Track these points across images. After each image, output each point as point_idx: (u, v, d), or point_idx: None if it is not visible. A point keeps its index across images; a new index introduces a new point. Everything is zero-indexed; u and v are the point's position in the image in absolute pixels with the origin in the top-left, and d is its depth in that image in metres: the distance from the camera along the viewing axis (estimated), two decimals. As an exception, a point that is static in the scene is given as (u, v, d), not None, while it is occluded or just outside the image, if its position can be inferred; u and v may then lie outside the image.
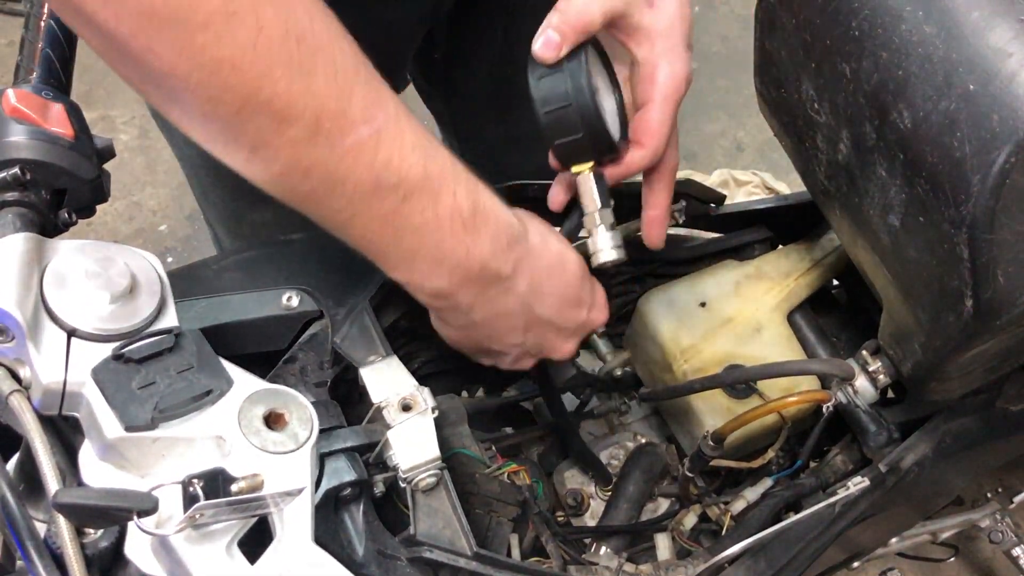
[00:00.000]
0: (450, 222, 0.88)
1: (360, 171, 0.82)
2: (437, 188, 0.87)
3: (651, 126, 1.02)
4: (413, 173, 0.84)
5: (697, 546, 1.21)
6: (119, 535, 0.76)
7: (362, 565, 0.90)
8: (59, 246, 0.82)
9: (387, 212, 0.85)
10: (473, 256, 0.91)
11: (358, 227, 0.87)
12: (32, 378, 0.77)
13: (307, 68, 0.77)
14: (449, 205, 0.88)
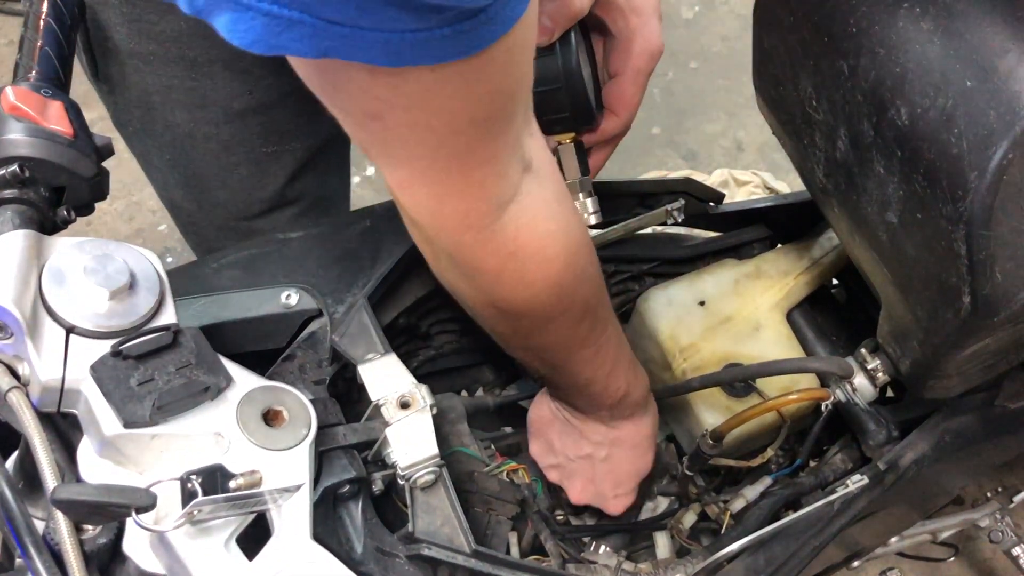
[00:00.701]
0: (600, 398, 1.11)
1: (576, 350, 1.03)
2: (603, 387, 1.09)
3: (624, 96, 1.09)
4: (600, 377, 1.07)
5: (696, 545, 1.21)
6: (117, 532, 0.76)
7: (360, 562, 0.90)
8: (58, 243, 0.82)
9: (567, 365, 1.07)
10: (596, 409, 1.13)
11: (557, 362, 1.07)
12: (31, 375, 0.77)
13: (596, 277, 0.98)
14: (603, 394, 1.10)
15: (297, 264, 1.08)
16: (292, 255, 1.10)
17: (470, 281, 0.91)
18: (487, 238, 0.83)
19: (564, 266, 0.90)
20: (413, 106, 0.69)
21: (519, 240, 0.85)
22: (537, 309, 0.92)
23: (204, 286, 1.05)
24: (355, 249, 1.10)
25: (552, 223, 0.87)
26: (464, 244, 0.84)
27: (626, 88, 1.08)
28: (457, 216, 0.81)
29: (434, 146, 0.74)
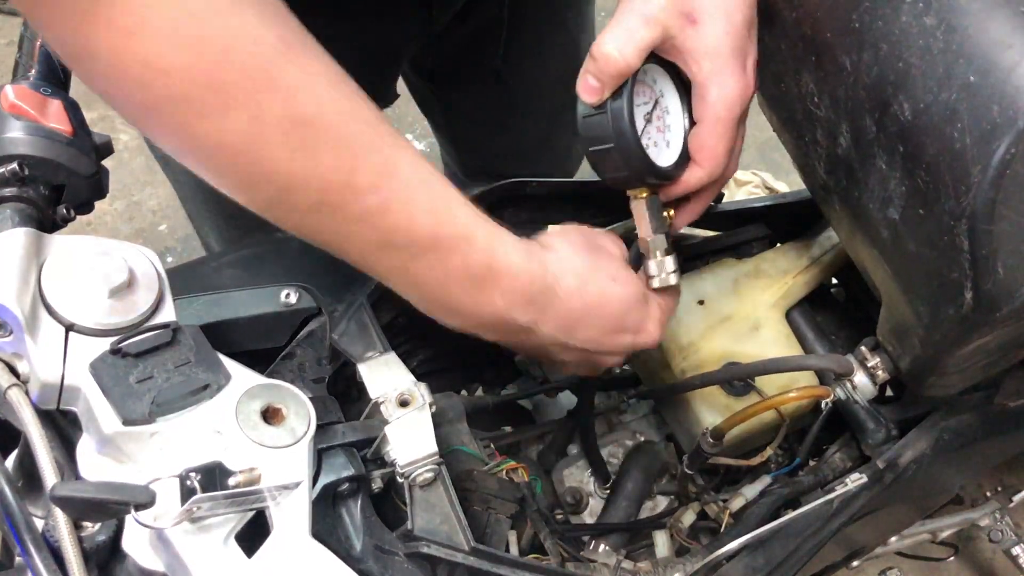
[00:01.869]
0: (459, 281, 0.91)
1: (367, 234, 0.85)
2: (447, 249, 0.88)
3: (704, 146, 1.01)
4: (421, 235, 0.87)
5: (695, 543, 1.21)
6: (117, 529, 0.76)
7: (359, 560, 0.90)
8: (57, 241, 0.82)
9: (397, 266, 0.89)
10: (484, 310, 0.94)
11: (374, 273, 0.92)
12: (30, 372, 0.77)
13: (310, 148, 0.79)
14: (459, 265, 0.90)
15: (297, 263, 1.08)
16: (292, 254, 1.10)
17: (86, 71, 0.76)
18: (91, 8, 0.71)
19: (204, 47, 0.74)
20: None
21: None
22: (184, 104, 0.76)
23: (204, 284, 1.05)
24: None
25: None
26: (67, 20, 0.72)
27: (705, 137, 1.00)
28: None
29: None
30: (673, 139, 1.03)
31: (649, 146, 1.00)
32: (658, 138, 1.02)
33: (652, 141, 1.01)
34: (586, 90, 0.97)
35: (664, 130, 1.03)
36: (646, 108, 1.01)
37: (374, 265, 0.90)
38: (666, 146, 1.02)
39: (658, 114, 1.02)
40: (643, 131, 0.99)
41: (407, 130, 3.18)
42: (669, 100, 1.03)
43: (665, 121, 1.03)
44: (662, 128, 1.02)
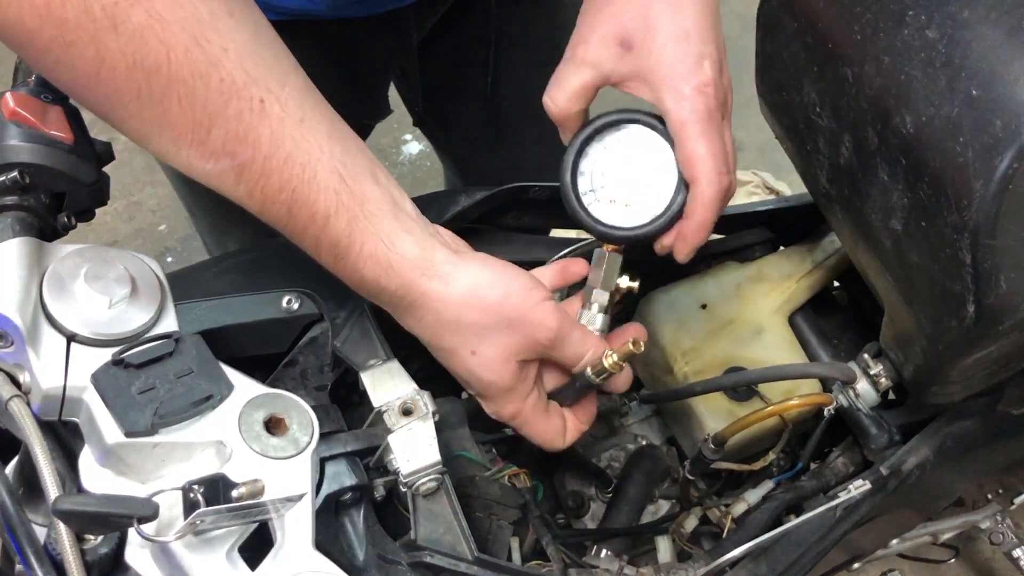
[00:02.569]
0: (317, 256, 0.91)
1: (227, 188, 0.85)
2: (300, 229, 0.88)
3: (685, 157, 0.94)
4: (276, 210, 0.86)
5: (698, 549, 1.21)
6: (119, 541, 0.76)
7: (363, 570, 0.90)
8: (58, 250, 0.82)
9: (275, 223, 0.88)
10: (365, 291, 0.94)
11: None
12: (32, 383, 0.77)
13: (158, 99, 0.78)
14: (311, 247, 0.90)
15: (298, 268, 1.08)
16: (293, 259, 1.09)
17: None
18: None
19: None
20: None
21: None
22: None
23: (205, 290, 1.05)
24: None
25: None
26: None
27: (682, 148, 0.94)
28: None
29: None
30: (655, 198, 0.98)
31: (596, 202, 1.00)
32: (629, 196, 0.99)
33: (613, 199, 1.00)
34: None
35: (640, 189, 0.99)
36: (607, 165, 1.00)
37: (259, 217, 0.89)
38: (640, 205, 0.99)
39: (627, 172, 0.99)
40: (597, 188, 1.00)
41: (407, 131, 3.19)
42: (652, 156, 0.98)
43: (642, 178, 0.99)
44: (637, 186, 0.99)
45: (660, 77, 0.93)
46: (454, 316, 0.92)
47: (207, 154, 0.82)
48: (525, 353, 0.96)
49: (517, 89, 1.63)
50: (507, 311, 0.93)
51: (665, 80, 0.93)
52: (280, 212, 0.86)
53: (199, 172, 0.84)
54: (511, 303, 0.93)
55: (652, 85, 0.94)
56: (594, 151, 1.00)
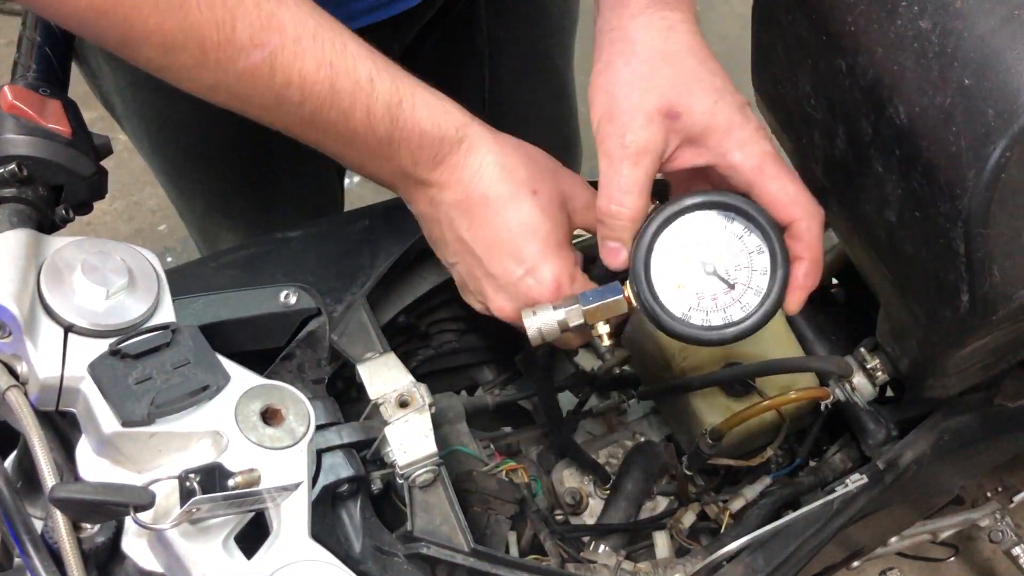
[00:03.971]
0: (364, 135, 0.89)
1: (261, 90, 0.85)
2: (348, 104, 0.87)
3: (775, 197, 0.91)
4: (318, 91, 0.86)
5: (695, 544, 1.21)
6: (116, 530, 0.76)
7: (359, 561, 0.90)
8: (56, 242, 0.82)
9: (301, 122, 0.89)
10: (392, 164, 0.93)
11: (286, 129, 0.91)
12: (29, 374, 0.77)
13: (177, 4, 0.79)
14: (361, 120, 0.88)
15: (296, 263, 1.08)
16: (291, 254, 1.10)
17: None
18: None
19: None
20: None
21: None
22: None
23: (203, 285, 1.05)
24: (354, 248, 1.10)
25: None
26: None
27: (771, 189, 0.91)
28: None
29: None
30: (750, 294, 0.93)
31: (692, 309, 0.93)
32: (721, 297, 0.93)
33: (701, 300, 0.93)
34: (609, 256, 0.94)
35: (729, 287, 0.93)
36: (679, 262, 0.93)
37: (276, 122, 0.89)
38: (731, 304, 0.93)
39: (704, 261, 0.93)
40: (677, 291, 0.93)
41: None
42: (722, 235, 0.93)
43: (725, 261, 0.93)
44: (728, 283, 0.93)
45: (717, 134, 0.90)
46: (514, 150, 0.95)
47: (236, 52, 0.82)
48: (567, 204, 0.98)
49: (509, 96, 1.63)
50: (548, 162, 0.98)
51: (723, 136, 0.90)
52: (323, 93, 0.85)
53: (232, 78, 0.84)
54: (545, 156, 0.99)
55: (709, 146, 0.91)
56: (661, 250, 0.93)
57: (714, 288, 0.92)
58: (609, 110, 0.91)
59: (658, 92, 0.89)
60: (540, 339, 0.93)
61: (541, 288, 0.95)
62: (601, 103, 0.92)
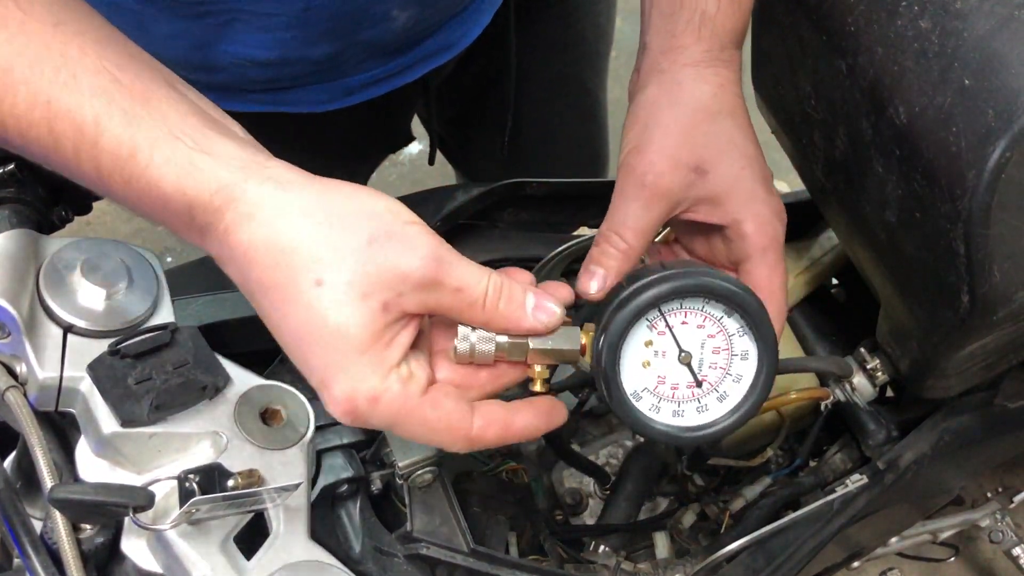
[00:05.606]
0: (105, 190, 0.71)
1: None
2: (72, 153, 0.69)
3: (760, 284, 0.87)
4: (35, 135, 0.69)
5: (695, 544, 1.21)
6: (115, 531, 0.76)
7: (359, 562, 0.90)
8: (55, 243, 0.82)
9: (52, 167, 0.72)
10: (170, 215, 0.71)
11: None
12: (28, 374, 0.77)
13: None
14: (91, 173, 0.70)
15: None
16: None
17: None
18: None
19: None
20: None
21: None
22: None
23: (203, 285, 1.05)
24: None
25: None
26: None
27: (757, 275, 0.88)
28: None
29: None
30: (713, 398, 0.82)
31: (646, 391, 0.81)
32: (683, 390, 0.81)
33: (660, 385, 0.81)
34: (585, 279, 0.86)
35: (696, 383, 0.81)
36: (663, 347, 0.80)
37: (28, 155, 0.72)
38: (688, 401, 0.81)
39: (687, 360, 0.81)
40: (640, 368, 0.80)
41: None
42: (730, 347, 0.81)
43: (699, 371, 0.81)
44: (696, 379, 0.81)
45: (738, 201, 0.88)
46: (295, 229, 0.69)
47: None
48: (390, 291, 0.69)
49: (537, 118, 1.63)
50: (368, 225, 0.70)
51: (744, 204, 0.88)
52: (43, 136, 0.68)
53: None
54: (374, 215, 0.71)
55: (727, 209, 0.88)
56: (644, 322, 0.80)
57: (679, 378, 0.81)
58: (641, 145, 0.88)
59: (693, 145, 0.87)
60: (466, 357, 0.76)
61: (334, 409, 0.71)
62: (636, 136, 0.89)
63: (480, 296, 0.73)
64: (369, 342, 0.70)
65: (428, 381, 0.74)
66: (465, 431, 0.74)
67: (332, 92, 1.26)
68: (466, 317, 0.74)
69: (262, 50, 1.08)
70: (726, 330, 0.80)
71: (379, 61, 1.25)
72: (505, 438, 0.77)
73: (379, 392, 0.71)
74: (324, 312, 0.69)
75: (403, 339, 0.72)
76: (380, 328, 0.70)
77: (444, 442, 0.75)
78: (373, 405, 0.71)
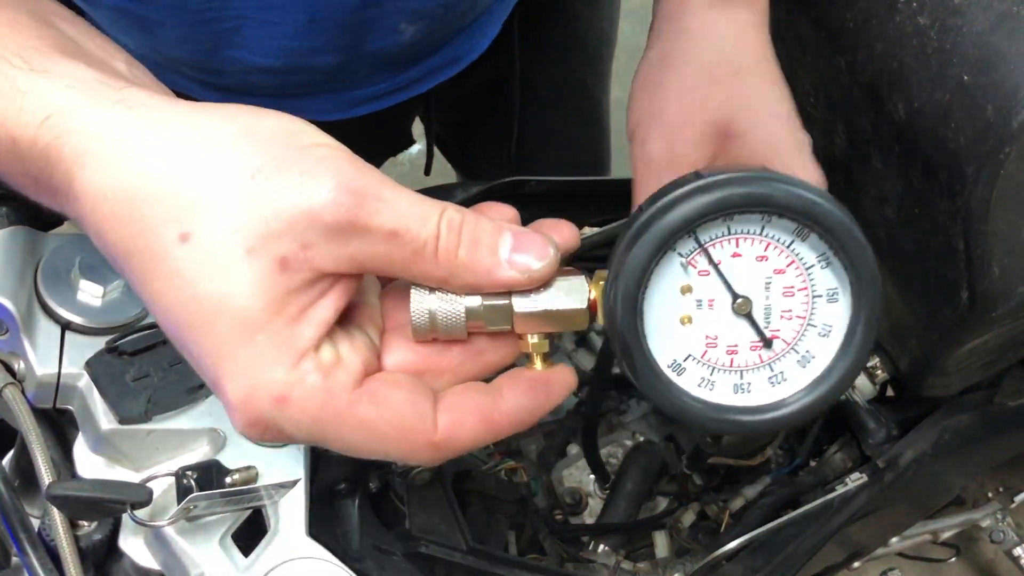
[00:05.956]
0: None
1: None
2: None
3: None
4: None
5: (695, 544, 1.21)
6: (113, 527, 0.76)
7: (357, 559, 0.89)
8: (53, 240, 0.82)
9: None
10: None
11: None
12: (26, 371, 0.77)
13: None
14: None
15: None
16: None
17: None
18: None
19: None
20: None
21: None
22: None
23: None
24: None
25: None
26: None
27: None
28: None
29: None
30: (791, 362, 0.58)
31: (690, 361, 0.57)
32: (744, 354, 0.58)
33: (710, 349, 0.57)
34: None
35: (763, 342, 0.58)
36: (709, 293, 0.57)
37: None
38: (755, 369, 0.58)
39: (747, 309, 0.57)
40: (677, 328, 0.57)
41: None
42: (810, 283, 0.57)
43: (767, 325, 0.58)
44: (763, 337, 0.57)
45: (778, 165, 0.74)
46: (151, 168, 0.50)
47: None
48: (288, 241, 0.50)
49: (539, 122, 1.63)
50: (254, 152, 0.51)
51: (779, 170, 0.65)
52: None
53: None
54: (263, 138, 0.52)
55: None
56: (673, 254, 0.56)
57: (738, 337, 0.57)
58: (657, 111, 0.77)
59: (716, 105, 0.75)
60: (427, 331, 0.56)
61: (232, 419, 0.52)
62: (647, 102, 0.78)
63: (428, 240, 0.52)
64: (264, 316, 0.50)
65: (365, 369, 0.54)
66: (425, 434, 0.53)
67: (338, 103, 1.26)
68: (414, 273, 0.53)
69: (267, 57, 1.08)
70: (800, 260, 0.57)
71: (386, 74, 1.25)
72: (490, 434, 0.55)
73: (287, 387, 0.50)
74: (194, 278, 0.50)
75: (320, 312, 0.52)
76: (279, 295, 0.50)
77: (399, 452, 0.53)
78: (281, 407, 0.51)
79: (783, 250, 0.56)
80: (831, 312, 0.57)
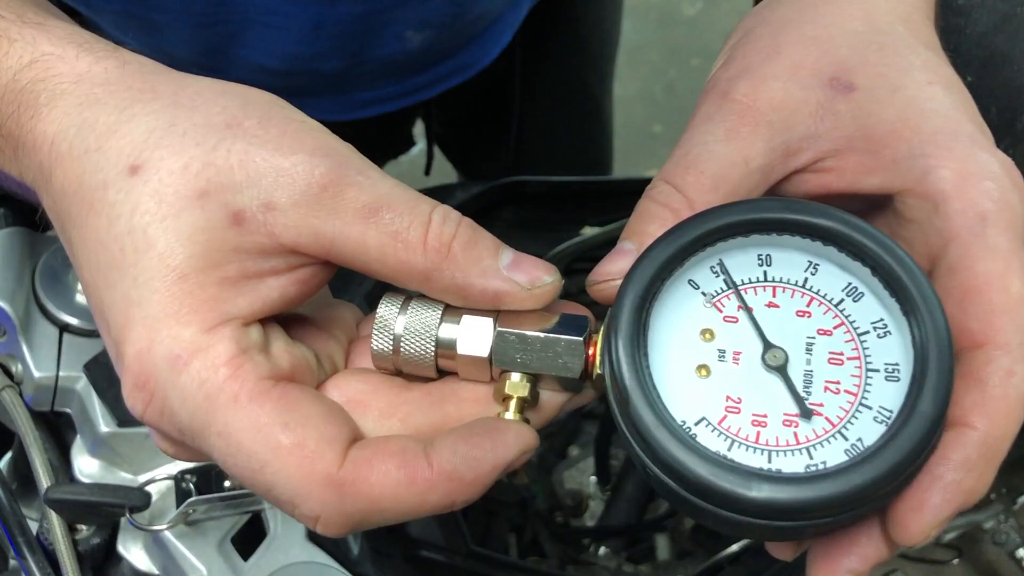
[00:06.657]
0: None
1: None
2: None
3: (982, 290, 0.47)
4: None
5: (697, 546, 1.21)
6: (112, 531, 0.76)
7: (357, 563, 0.89)
8: (50, 241, 0.82)
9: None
10: None
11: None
12: (24, 374, 0.77)
13: None
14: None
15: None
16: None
17: None
18: None
19: None
20: None
21: None
22: None
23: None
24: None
25: None
26: None
27: (966, 271, 0.47)
28: None
29: None
30: (836, 442, 0.45)
31: (708, 426, 0.46)
32: (774, 426, 0.45)
33: (732, 414, 0.46)
34: (613, 259, 0.53)
35: (802, 413, 0.45)
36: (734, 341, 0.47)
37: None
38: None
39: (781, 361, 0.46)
40: (693, 379, 0.47)
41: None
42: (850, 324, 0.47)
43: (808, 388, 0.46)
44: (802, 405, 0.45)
45: (917, 139, 0.52)
46: (125, 111, 0.48)
47: None
48: (249, 194, 0.46)
49: (541, 123, 1.63)
50: (235, 105, 0.49)
51: (928, 142, 0.52)
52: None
53: None
54: (252, 100, 0.50)
55: (895, 154, 0.52)
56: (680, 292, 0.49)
57: (768, 403, 0.45)
58: (745, 62, 0.59)
59: (833, 50, 0.56)
60: (388, 354, 0.50)
61: (121, 377, 0.48)
62: (743, 57, 0.59)
63: (413, 225, 0.47)
64: (195, 265, 0.44)
65: (291, 373, 0.47)
66: (326, 463, 0.44)
67: (343, 105, 1.26)
68: (391, 265, 0.47)
69: (273, 59, 1.08)
70: (851, 324, 0.46)
71: (392, 80, 1.25)
72: (413, 487, 0.45)
73: (190, 349, 0.44)
74: (131, 212, 0.45)
75: (264, 289, 0.46)
76: (221, 250, 0.45)
77: (288, 478, 0.44)
78: (175, 370, 0.44)
79: (830, 308, 0.46)
80: (892, 393, 0.44)
